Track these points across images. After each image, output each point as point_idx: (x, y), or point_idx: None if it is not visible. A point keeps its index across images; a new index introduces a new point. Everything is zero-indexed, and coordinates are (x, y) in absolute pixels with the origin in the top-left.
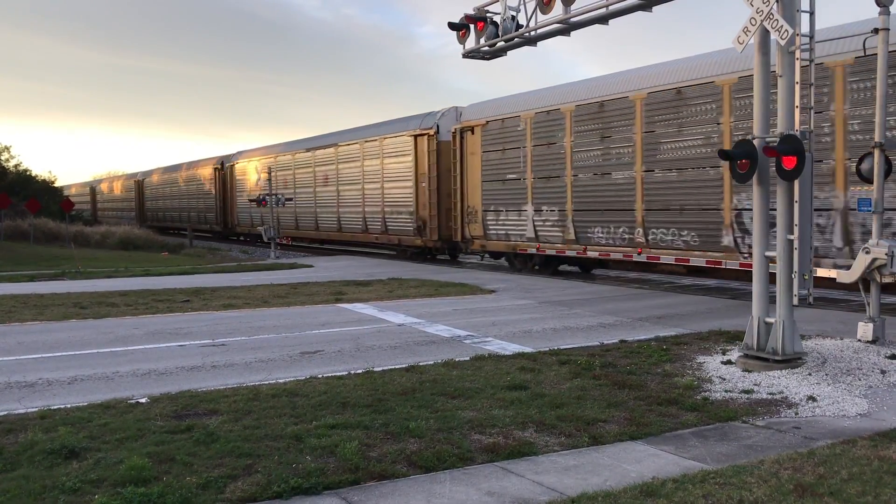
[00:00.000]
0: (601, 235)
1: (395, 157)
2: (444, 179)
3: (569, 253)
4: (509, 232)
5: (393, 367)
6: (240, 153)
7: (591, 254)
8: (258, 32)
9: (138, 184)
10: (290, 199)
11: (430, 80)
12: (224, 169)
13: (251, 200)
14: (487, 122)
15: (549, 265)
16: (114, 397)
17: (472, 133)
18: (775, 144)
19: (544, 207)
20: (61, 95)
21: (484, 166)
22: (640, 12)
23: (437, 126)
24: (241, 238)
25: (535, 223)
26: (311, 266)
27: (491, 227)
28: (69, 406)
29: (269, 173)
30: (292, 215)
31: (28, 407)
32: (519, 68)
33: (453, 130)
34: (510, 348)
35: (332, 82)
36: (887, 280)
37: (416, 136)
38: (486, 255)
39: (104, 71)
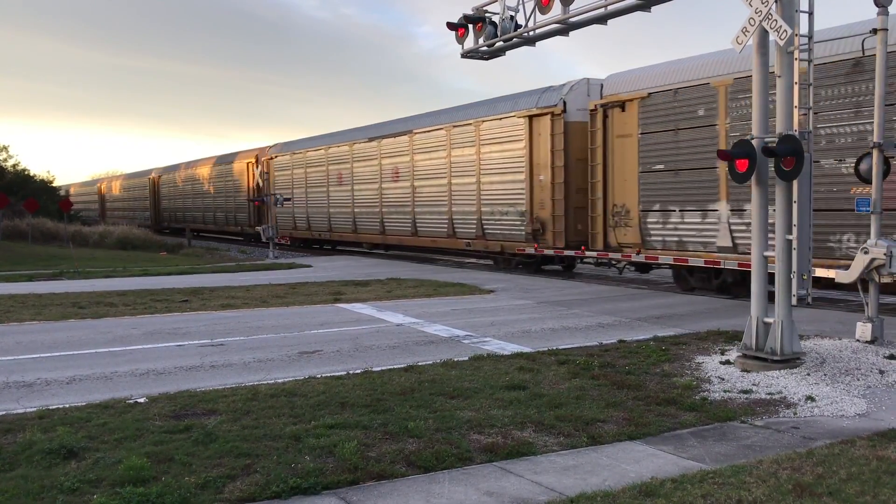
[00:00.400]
0: (852, 246)
1: (500, 144)
2: (574, 171)
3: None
4: (684, 238)
5: (391, 367)
6: (286, 144)
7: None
8: (257, 32)
9: (153, 182)
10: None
11: (429, 80)
12: (260, 163)
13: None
14: (650, 93)
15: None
16: (112, 397)
17: (624, 110)
18: (774, 145)
19: (747, 206)
20: (60, 95)
21: (642, 153)
22: (638, 12)
23: (564, 103)
24: (285, 245)
25: (732, 227)
26: (309, 266)
27: (654, 231)
28: (68, 406)
29: (325, 166)
30: (349, 215)
31: (26, 407)
32: (517, 68)
33: (592, 107)
34: (509, 348)
35: (331, 82)
36: (886, 280)
37: (530, 117)
38: (632, 268)
39: (103, 70)
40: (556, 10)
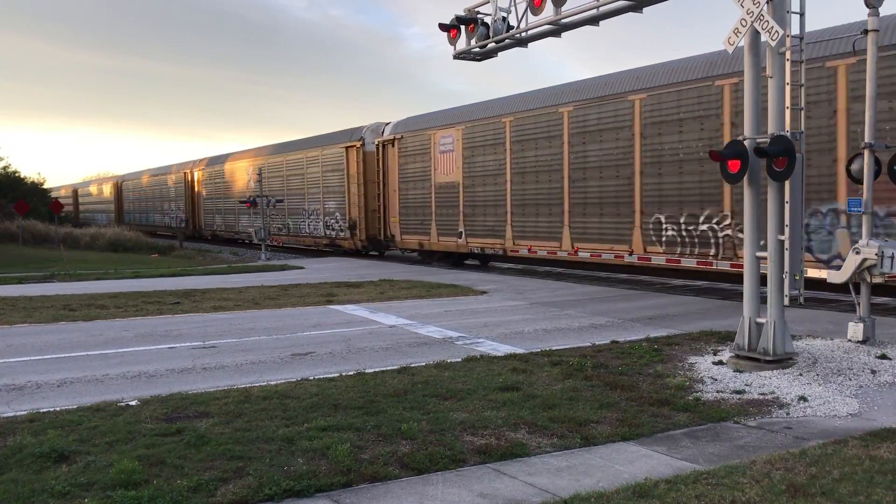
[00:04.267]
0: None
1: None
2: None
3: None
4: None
5: (385, 368)
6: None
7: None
8: (246, 34)
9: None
10: (281, 202)
11: (418, 82)
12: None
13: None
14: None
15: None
16: (103, 400)
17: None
18: (766, 145)
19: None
20: (49, 97)
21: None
22: (630, 13)
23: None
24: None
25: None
26: (301, 267)
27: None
28: (58, 409)
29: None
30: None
31: (17, 410)
32: (508, 69)
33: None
34: (502, 349)
35: (320, 83)
36: (877, 280)
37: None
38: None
39: (92, 73)
40: (549, 11)
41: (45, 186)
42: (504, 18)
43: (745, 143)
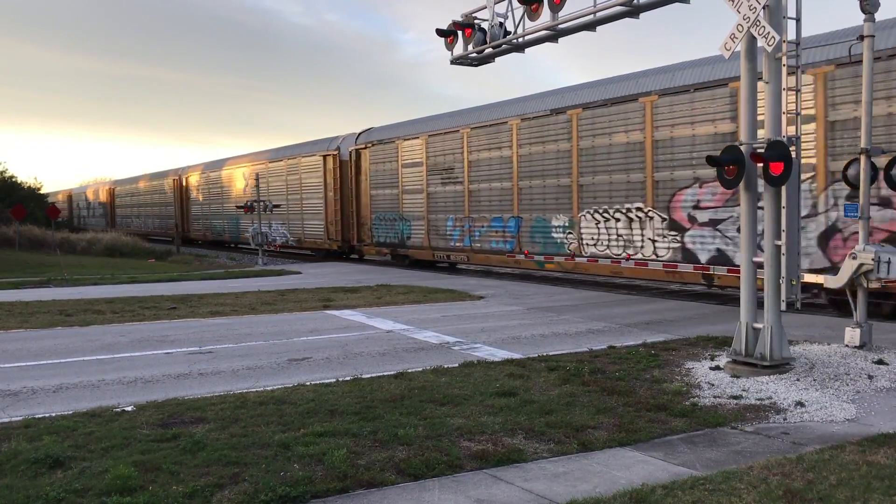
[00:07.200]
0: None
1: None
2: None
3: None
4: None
5: (381, 373)
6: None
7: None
8: (241, 39)
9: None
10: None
11: (414, 87)
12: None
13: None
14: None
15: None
16: (99, 405)
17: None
18: (762, 150)
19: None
20: (46, 102)
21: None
22: (627, 19)
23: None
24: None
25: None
26: (298, 273)
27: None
28: (54, 415)
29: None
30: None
31: (12, 416)
32: (505, 74)
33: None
34: (499, 354)
35: (317, 88)
36: (874, 286)
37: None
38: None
39: (88, 78)
40: (546, 16)
41: (41, 191)
42: (501, 24)
43: (742, 148)
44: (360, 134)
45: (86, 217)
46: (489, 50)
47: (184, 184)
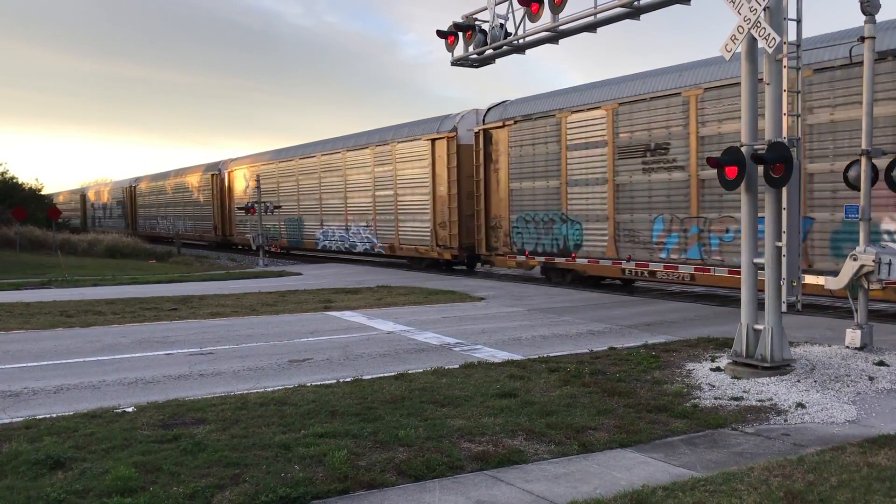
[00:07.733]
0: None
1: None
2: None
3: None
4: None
5: (382, 375)
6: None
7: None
8: (242, 40)
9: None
10: (279, 207)
11: (414, 88)
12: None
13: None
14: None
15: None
16: (100, 406)
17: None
18: (763, 152)
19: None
20: (46, 103)
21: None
22: (627, 20)
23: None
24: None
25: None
26: (299, 274)
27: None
28: (55, 416)
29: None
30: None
31: (13, 417)
32: (505, 75)
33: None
34: (500, 356)
35: (318, 89)
36: (875, 287)
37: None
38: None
39: (89, 79)
40: (546, 17)
41: (42, 192)
42: (502, 25)
43: (743, 149)
44: (489, 109)
45: (101, 218)
46: (490, 51)
47: (225, 180)
